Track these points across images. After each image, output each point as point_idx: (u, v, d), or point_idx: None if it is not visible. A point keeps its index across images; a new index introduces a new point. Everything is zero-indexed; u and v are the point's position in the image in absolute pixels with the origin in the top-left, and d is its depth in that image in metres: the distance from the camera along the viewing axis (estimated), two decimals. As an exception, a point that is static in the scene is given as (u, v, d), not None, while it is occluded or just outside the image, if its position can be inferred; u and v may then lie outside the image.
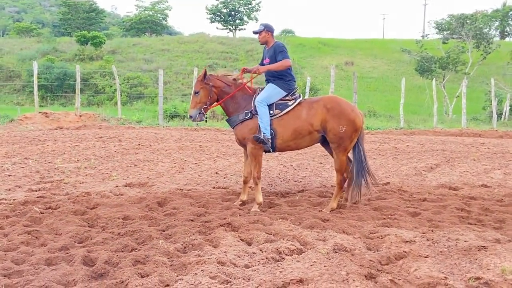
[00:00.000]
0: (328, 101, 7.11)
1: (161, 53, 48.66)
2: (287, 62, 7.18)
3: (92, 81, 37.91)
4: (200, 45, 51.27)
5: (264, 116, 6.96)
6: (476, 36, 38.00)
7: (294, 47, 51.06)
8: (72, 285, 4.34)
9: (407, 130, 20.74)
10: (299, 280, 4.41)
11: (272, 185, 8.86)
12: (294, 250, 5.25)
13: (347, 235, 5.73)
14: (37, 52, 44.84)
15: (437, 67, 35.75)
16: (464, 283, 4.54)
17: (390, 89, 40.06)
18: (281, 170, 10.31)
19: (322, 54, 50.25)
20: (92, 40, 45.48)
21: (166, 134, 17.14)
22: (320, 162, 11.41)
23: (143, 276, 4.53)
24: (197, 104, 7.15)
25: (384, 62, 49.19)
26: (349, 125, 6.89)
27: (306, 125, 6.97)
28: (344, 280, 4.43)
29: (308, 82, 23.63)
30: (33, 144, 13.68)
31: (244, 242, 5.59)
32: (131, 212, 6.71)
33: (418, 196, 7.97)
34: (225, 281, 4.36)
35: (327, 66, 42.58)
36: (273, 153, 12.42)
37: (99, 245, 5.41)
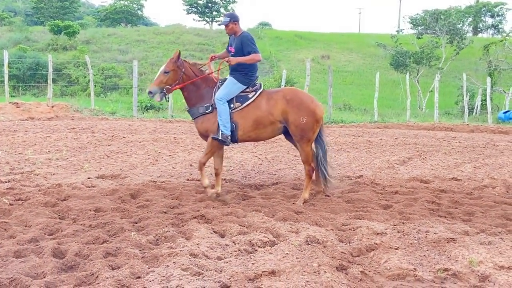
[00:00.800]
0: (287, 92, 7.14)
1: (136, 44, 48.13)
2: (257, 57, 7.14)
3: (66, 72, 37.29)
4: (176, 36, 50.87)
5: (223, 113, 6.91)
6: (450, 31, 38.42)
7: (271, 40, 51.05)
8: (41, 277, 4.29)
9: (381, 124, 20.92)
10: (271, 272, 4.44)
11: (247, 178, 8.87)
12: (267, 242, 5.27)
13: (320, 227, 5.78)
14: (8, 41, 43.89)
15: (411, 61, 36.07)
16: (433, 274, 4.63)
17: (365, 83, 40.27)
18: (256, 163, 10.32)
19: (298, 47, 50.26)
20: (65, 29, 44.72)
21: (140, 126, 17.00)
22: (294, 155, 11.42)
23: (114, 268, 4.50)
24: (162, 84, 7.05)
25: (359, 56, 49.46)
26: (309, 115, 6.89)
27: (267, 115, 6.98)
28: (316, 271, 4.47)
29: (284, 75, 23.62)
30: (3, 134, 13.42)
31: (217, 234, 5.60)
32: (103, 204, 6.65)
33: (390, 189, 8.06)
34: (197, 273, 4.36)
35: (303, 59, 42.56)
36: (247, 146, 12.47)
37: (70, 237, 5.36)
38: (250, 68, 7.21)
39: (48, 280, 4.20)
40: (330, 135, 15.86)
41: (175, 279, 4.19)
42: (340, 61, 47.18)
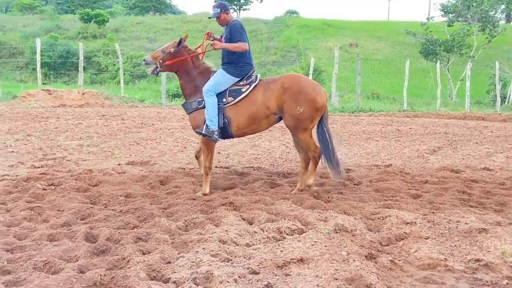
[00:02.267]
0: (286, 80, 6.71)
1: (164, 32, 48.32)
2: (244, 46, 6.74)
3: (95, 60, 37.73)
4: (204, 24, 50.82)
5: (210, 106, 6.61)
6: (482, 19, 37.58)
7: (298, 28, 50.68)
8: (74, 261, 4.36)
9: (410, 113, 20.64)
10: (299, 259, 4.44)
11: (274, 165, 8.87)
12: (295, 230, 5.27)
13: (348, 216, 5.75)
14: (40, 29, 44.53)
15: (441, 50, 35.45)
16: (464, 264, 4.57)
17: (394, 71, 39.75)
18: (284, 151, 10.31)
19: (326, 36, 49.77)
20: (95, 18, 45.18)
21: (169, 113, 17.13)
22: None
23: (144, 253, 4.56)
24: (157, 59, 6.88)
25: (388, 44, 48.75)
26: (308, 105, 6.50)
27: (262, 109, 6.64)
28: (345, 260, 4.45)
29: (312, 63, 23.47)
30: (36, 121, 13.69)
31: (246, 221, 5.62)
32: (133, 190, 6.74)
33: (419, 179, 7.96)
34: (226, 259, 4.39)
35: (331, 48, 42.22)
36: (275, 134, 12.47)
37: (101, 222, 5.44)
38: (241, 59, 6.84)
39: (81, 263, 4.28)
40: (358, 123, 15.77)
41: (205, 264, 4.23)
42: (368, 49, 46.57)
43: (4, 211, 5.77)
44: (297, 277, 4.10)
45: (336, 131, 13.20)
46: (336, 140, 7.23)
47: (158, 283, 3.95)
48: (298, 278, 4.08)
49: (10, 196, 6.38)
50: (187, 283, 3.91)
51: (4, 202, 6.14)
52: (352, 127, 14.60)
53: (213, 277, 3.98)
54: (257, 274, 4.15)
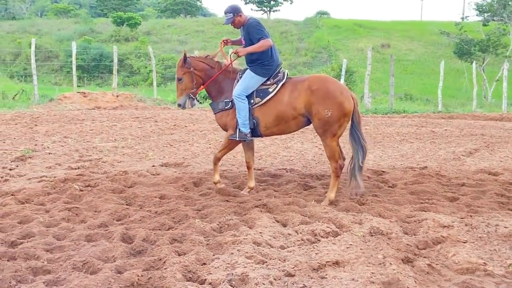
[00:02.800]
0: (314, 81, 6.44)
1: (195, 34, 48.74)
2: (267, 42, 6.53)
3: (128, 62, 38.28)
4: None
5: (242, 111, 6.50)
6: (518, 18, 36.98)
7: (329, 29, 50.51)
8: (112, 261, 4.43)
9: (445, 114, 20.34)
10: (335, 262, 4.42)
11: (307, 167, 8.84)
12: (330, 232, 5.24)
13: (384, 219, 5.69)
14: (74, 32, 45.39)
15: (476, 50, 34.85)
16: (504, 269, 4.48)
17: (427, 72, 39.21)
18: (316, 153, 10.27)
19: (357, 36, 49.46)
20: (127, 21, 45.87)
21: (201, 115, 17.25)
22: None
23: (180, 254, 4.60)
24: (183, 91, 6.82)
25: (421, 44, 48.17)
26: (336, 109, 6.24)
27: (289, 110, 6.45)
28: (381, 263, 4.41)
29: (344, 64, 23.31)
30: (72, 123, 13.95)
31: (280, 223, 5.61)
32: (167, 191, 6.80)
33: (456, 181, 7.83)
34: (261, 261, 4.39)
35: (363, 48, 41.99)
36: (307, 135, 12.44)
37: (137, 223, 5.51)
38: (265, 57, 6.61)
39: (118, 264, 4.34)
40: (392, 125, 15.60)
41: (240, 266, 4.24)
42: (401, 49, 46.13)
43: (43, 211, 5.89)
44: (333, 280, 4.07)
45: (370, 133, 13.10)
46: (369, 146, 6.99)
47: (194, 284, 3.98)
48: (334, 281, 4.06)
49: (49, 197, 6.51)
50: (223, 284, 3.93)
51: (43, 203, 6.28)
52: (386, 128, 14.47)
53: (249, 279, 3.99)
54: (292, 276, 4.15)
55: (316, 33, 49.07)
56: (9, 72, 35.22)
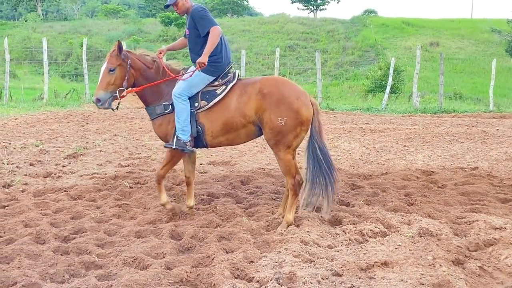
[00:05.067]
0: (266, 83, 5.48)
1: (242, 34, 48.94)
2: (216, 30, 5.51)
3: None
4: (281, 25, 51.09)
5: (182, 113, 5.45)
6: None
7: (377, 28, 49.81)
8: (161, 258, 4.52)
9: (497, 114, 19.73)
10: (383, 263, 4.37)
11: (354, 167, 8.76)
12: (378, 232, 5.19)
13: (433, 220, 5.58)
14: (123, 33, 46.34)
15: (530, 47, 33.87)
16: (560, 273, 4.34)
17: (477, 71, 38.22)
18: (364, 152, 10.16)
19: (405, 35, 48.60)
20: (175, 21, 46.49)
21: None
22: (404, 144, 11.13)
23: (228, 252, 4.64)
24: (109, 86, 5.54)
25: (471, 42, 46.96)
26: (291, 116, 5.30)
27: (238, 117, 5.46)
28: (431, 264, 4.34)
29: (392, 63, 22.91)
30: (121, 121, 14.26)
31: (327, 222, 5.58)
32: (215, 190, 6.87)
33: (509, 182, 7.60)
34: (308, 260, 4.39)
35: (411, 47, 41.28)
36: (354, 135, 12.31)
37: (185, 220, 5.59)
38: (217, 52, 5.61)
39: (168, 260, 4.42)
40: (441, 124, 15.26)
41: (287, 265, 4.24)
42: (450, 48, 45.08)
43: (94, 208, 6.05)
44: (381, 281, 4.03)
45: (419, 133, 12.88)
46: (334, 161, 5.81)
47: (242, 282, 4.01)
48: (382, 281, 4.02)
49: (100, 193, 6.68)
50: (271, 282, 3.94)
51: (95, 199, 6.44)
52: (435, 128, 14.16)
53: (296, 277, 3.99)
54: (340, 276, 4.12)
55: (363, 31, 48.49)
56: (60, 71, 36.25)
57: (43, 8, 58.13)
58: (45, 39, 21.34)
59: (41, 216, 5.59)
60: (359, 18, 54.79)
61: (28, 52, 40.38)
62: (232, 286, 3.89)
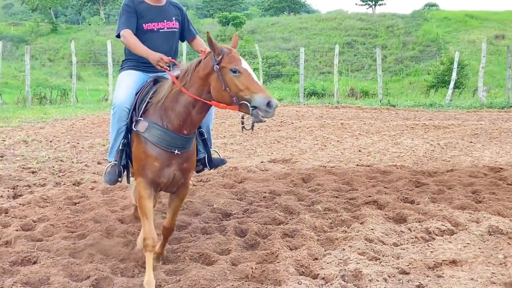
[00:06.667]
0: None
1: (299, 31, 48.76)
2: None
3: (233, 61, 39.01)
4: (338, 22, 50.58)
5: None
6: None
7: (438, 21, 48.47)
8: (227, 254, 4.58)
9: None
10: (452, 261, 4.29)
11: (418, 164, 8.59)
12: (445, 230, 5.08)
13: (503, 218, 5.41)
14: (182, 34, 47.04)
15: None
16: None
17: (547, 63, 36.61)
18: (428, 149, 9.95)
19: (468, 28, 47.03)
20: (233, 20, 46.96)
21: (307, 112, 17.28)
22: (470, 141, 10.83)
23: (292, 249, 4.66)
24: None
25: (541, 34, 45.01)
26: None
27: None
28: (502, 263, 4.23)
29: (456, 57, 22.20)
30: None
31: (392, 220, 5.52)
32: (276, 187, 6.89)
33: None
34: (374, 258, 4.36)
35: (474, 40, 39.94)
36: (417, 131, 12.06)
37: (249, 217, 5.63)
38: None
39: (233, 256, 4.48)
40: (509, 119, 14.71)
41: (353, 262, 4.23)
42: (517, 40, 43.39)
43: (160, 204, 6.20)
44: (450, 279, 3.96)
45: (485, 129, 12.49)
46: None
47: (307, 279, 4.02)
48: (451, 280, 3.94)
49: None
50: (336, 279, 3.94)
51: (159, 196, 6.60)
52: (503, 123, 13.69)
53: (362, 275, 3.97)
54: (407, 274, 4.07)
55: (424, 26, 47.31)
56: (123, 73, 37.23)
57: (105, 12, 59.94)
58: (109, 42, 22.00)
59: (110, 212, 5.78)
60: (420, 12, 53.55)
61: (92, 55, 41.73)
62: (297, 283, 3.91)
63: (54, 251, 4.58)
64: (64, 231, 5.18)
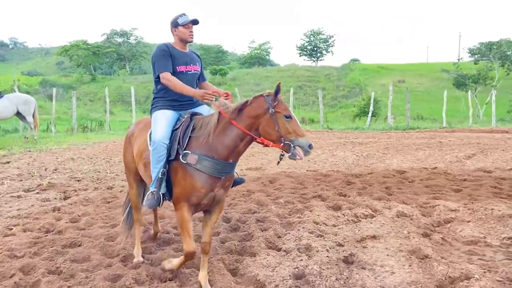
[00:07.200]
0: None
1: (265, 79, 48.90)
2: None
3: (220, 100, 38.94)
4: (292, 72, 51.03)
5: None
6: (501, 57, 34.93)
7: (360, 71, 49.32)
8: (217, 235, 4.53)
9: (448, 129, 19.29)
10: (372, 236, 4.33)
11: (349, 169, 8.65)
12: (368, 215, 5.13)
13: (407, 205, 5.50)
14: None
15: (470, 82, 33.08)
16: (499, 241, 4.23)
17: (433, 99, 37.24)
18: (355, 159, 10.01)
19: (380, 75, 47.89)
20: (219, 71, 46.96)
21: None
22: (383, 152, 10.97)
23: (263, 230, 4.64)
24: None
25: (428, 79, 46.00)
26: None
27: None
28: (406, 237, 4.28)
29: (372, 96, 22.66)
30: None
31: (331, 208, 5.54)
32: (251, 187, 6.85)
33: (459, 177, 7.43)
34: (319, 235, 4.37)
35: (385, 84, 40.70)
36: (347, 146, 12.17)
37: (232, 209, 5.59)
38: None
39: (221, 237, 4.45)
40: (409, 138, 14.94)
41: (305, 239, 4.23)
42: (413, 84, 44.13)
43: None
44: (371, 249, 3.99)
45: (394, 144, 12.66)
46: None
47: (274, 251, 4.01)
48: (372, 249, 3.98)
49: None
50: (294, 251, 3.93)
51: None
52: (405, 140, 13.91)
53: (311, 247, 3.98)
54: (342, 246, 4.10)
55: (351, 74, 48.09)
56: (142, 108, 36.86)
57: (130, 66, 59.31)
58: (133, 88, 21.76)
59: (134, 208, 5.67)
60: (347, 64, 54.39)
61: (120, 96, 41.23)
62: (267, 254, 3.89)
63: (94, 237, 4.48)
64: (101, 222, 5.07)
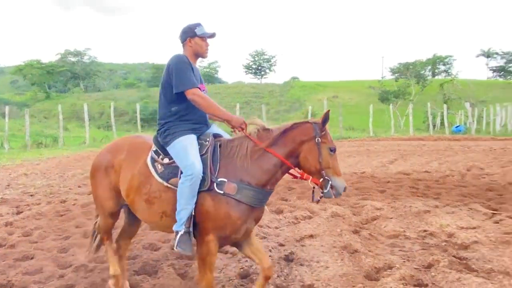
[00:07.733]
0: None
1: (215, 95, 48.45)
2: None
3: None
4: (239, 89, 51.42)
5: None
6: (417, 76, 37.64)
7: (299, 88, 50.66)
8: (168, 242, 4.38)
9: (374, 138, 20.39)
10: (310, 235, 4.42)
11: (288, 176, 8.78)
12: (306, 216, 5.23)
13: (340, 206, 5.67)
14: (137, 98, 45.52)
15: (392, 97, 35.28)
16: (416, 234, 4.49)
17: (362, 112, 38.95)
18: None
19: (317, 92, 49.49)
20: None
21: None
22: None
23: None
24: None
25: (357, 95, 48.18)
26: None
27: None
28: (339, 234, 4.41)
29: (309, 110, 23.45)
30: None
31: (274, 212, 5.60)
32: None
33: (384, 180, 7.81)
34: (263, 237, 4.39)
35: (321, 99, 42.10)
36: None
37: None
38: None
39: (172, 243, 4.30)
40: (342, 146, 15.45)
41: (250, 241, 4.23)
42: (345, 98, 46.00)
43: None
44: (309, 247, 4.08)
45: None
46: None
47: (221, 254, 3.95)
48: (310, 247, 4.06)
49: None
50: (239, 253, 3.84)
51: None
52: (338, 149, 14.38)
53: (256, 248, 3.97)
54: (283, 246, 4.15)
55: (291, 90, 49.27)
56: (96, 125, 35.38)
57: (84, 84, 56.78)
58: (86, 105, 20.82)
59: (87, 220, 5.38)
60: (288, 82, 55.70)
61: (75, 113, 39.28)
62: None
63: (46, 249, 4.20)
64: (53, 235, 4.76)
